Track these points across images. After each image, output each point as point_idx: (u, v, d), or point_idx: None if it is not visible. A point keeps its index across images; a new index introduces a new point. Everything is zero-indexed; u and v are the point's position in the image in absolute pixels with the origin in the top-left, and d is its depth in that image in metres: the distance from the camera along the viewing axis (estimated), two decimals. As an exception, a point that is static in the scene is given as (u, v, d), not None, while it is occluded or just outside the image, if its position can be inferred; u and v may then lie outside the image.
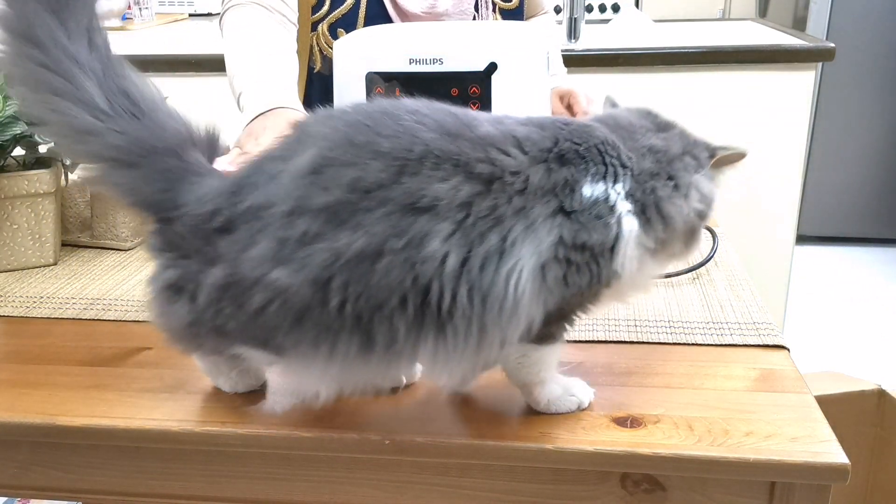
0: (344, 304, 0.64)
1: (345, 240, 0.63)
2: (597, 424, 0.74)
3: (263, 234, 0.66)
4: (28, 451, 0.82)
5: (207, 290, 0.69)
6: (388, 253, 0.63)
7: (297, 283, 0.64)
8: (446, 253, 0.63)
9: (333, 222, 0.64)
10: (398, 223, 0.63)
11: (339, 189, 0.64)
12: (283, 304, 0.65)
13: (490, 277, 0.64)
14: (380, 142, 0.65)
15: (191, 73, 2.11)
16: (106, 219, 1.20)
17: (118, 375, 0.85)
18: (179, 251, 0.72)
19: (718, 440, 0.71)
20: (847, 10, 3.32)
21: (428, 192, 0.64)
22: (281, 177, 0.67)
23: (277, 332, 0.67)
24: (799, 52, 2.08)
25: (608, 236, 0.67)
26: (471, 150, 0.65)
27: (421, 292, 0.64)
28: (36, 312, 1.00)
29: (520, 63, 0.97)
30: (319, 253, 0.64)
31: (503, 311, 0.64)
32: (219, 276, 0.68)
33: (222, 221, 0.68)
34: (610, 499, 0.75)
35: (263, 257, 0.65)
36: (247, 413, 0.78)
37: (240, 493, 0.80)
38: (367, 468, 0.77)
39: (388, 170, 0.64)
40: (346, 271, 0.64)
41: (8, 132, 1.06)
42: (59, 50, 0.71)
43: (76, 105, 0.71)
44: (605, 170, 0.68)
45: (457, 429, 0.74)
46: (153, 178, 0.72)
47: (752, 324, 0.92)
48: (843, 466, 0.68)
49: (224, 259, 0.68)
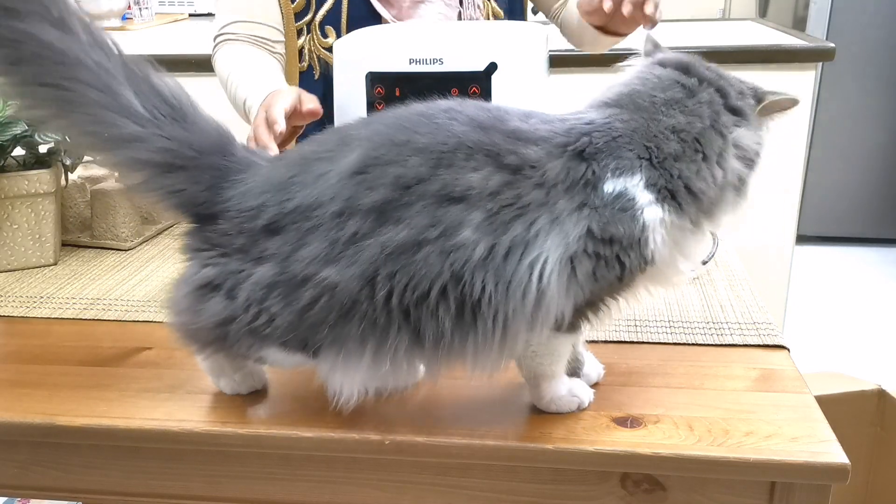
0: (390, 296, 0.66)
1: (389, 233, 0.66)
2: (597, 424, 0.74)
3: (314, 234, 0.68)
4: (28, 451, 0.82)
5: (250, 289, 0.69)
6: (426, 243, 0.65)
7: (345, 279, 0.66)
8: (476, 241, 0.65)
9: (380, 220, 0.66)
10: (434, 213, 0.66)
11: (383, 188, 0.67)
12: (331, 300, 0.67)
13: (513, 267, 0.65)
14: (417, 139, 0.68)
15: (191, 73, 2.11)
16: (106, 219, 1.20)
17: (118, 375, 0.85)
18: (219, 249, 0.72)
19: (718, 440, 0.71)
20: (847, 10, 3.32)
21: (461, 181, 0.66)
22: (328, 177, 0.69)
23: (323, 329, 0.68)
24: (799, 52, 2.07)
25: (635, 228, 0.67)
26: (501, 142, 0.67)
27: (456, 282, 0.65)
28: (36, 312, 1.00)
29: (520, 63, 0.96)
30: (367, 249, 0.66)
31: (526, 300, 0.66)
32: (266, 274, 0.69)
33: (269, 219, 0.70)
34: (610, 499, 0.75)
35: (315, 257, 0.67)
36: (247, 413, 0.78)
37: (240, 493, 0.80)
38: (367, 468, 0.77)
39: (425, 164, 0.67)
40: (390, 263, 0.66)
41: (8, 132, 1.06)
42: (92, 62, 0.71)
43: (117, 115, 0.72)
44: (622, 164, 0.68)
45: (457, 429, 0.74)
46: (200, 178, 0.73)
47: (752, 324, 0.92)
48: (843, 466, 0.68)
49: (272, 258, 0.69)
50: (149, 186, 0.74)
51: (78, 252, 1.20)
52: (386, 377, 0.71)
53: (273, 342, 0.71)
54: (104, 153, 0.75)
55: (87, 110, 0.71)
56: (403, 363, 0.69)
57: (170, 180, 0.73)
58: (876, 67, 3.38)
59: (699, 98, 0.72)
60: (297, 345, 0.70)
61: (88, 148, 0.76)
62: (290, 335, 0.70)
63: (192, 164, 0.73)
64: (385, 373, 0.70)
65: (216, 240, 0.72)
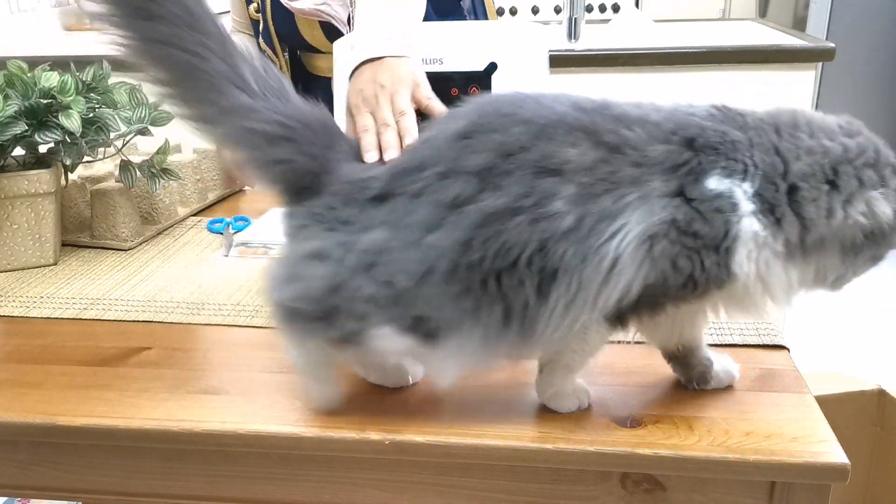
0: (483, 260, 0.67)
1: (488, 199, 0.67)
2: (597, 424, 0.74)
3: (420, 199, 0.69)
4: (28, 451, 0.82)
5: (359, 255, 0.69)
6: (519, 211, 0.66)
7: (449, 245, 0.67)
8: (566, 212, 0.66)
9: (480, 184, 0.67)
10: (531, 183, 0.67)
11: (486, 152, 0.68)
12: (435, 266, 0.67)
13: (595, 235, 0.66)
14: (522, 112, 0.69)
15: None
16: (106, 219, 1.20)
17: (118, 375, 0.85)
18: (325, 224, 0.72)
19: (718, 440, 0.71)
20: (847, 10, 3.32)
21: (559, 155, 0.67)
22: (434, 140, 0.71)
23: (431, 300, 0.68)
24: (799, 52, 2.07)
25: (723, 232, 0.67)
26: (601, 122, 0.69)
27: (541, 251, 0.66)
28: (36, 312, 1.00)
29: (520, 63, 0.97)
30: (468, 214, 0.67)
31: (601, 265, 0.66)
32: (376, 240, 0.69)
33: (378, 189, 0.71)
34: (610, 499, 0.75)
35: (421, 222, 0.68)
36: (247, 413, 0.78)
37: (240, 493, 0.80)
38: (367, 468, 0.77)
39: (527, 134, 0.68)
40: (485, 228, 0.67)
41: (8, 132, 1.06)
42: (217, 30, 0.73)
43: (235, 86, 0.73)
44: (736, 166, 0.68)
45: (457, 429, 0.74)
46: (307, 151, 0.74)
47: (752, 324, 0.92)
48: (843, 466, 0.68)
49: (381, 225, 0.69)
50: (257, 156, 0.74)
51: (78, 252, 1.20)
52: (484, 357, 0.71)
53: (381, 317, 0.69)
54: (216, 124, 0.75)
55: (210, 78, 0.73)
56: (498, 343, 0.69)
57: (279, 151, 0.73)
58: (876, 67, 3.39)
59: (856, 140, 0.70)
60: (404, 322, 0.69)
61: (200, 119, 0.76)
62: (398, 307, 0.68)
63: (301, 137, 0.74)
64: (484, 354, 0.70)
65: (321, 215, 0.72)
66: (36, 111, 1.09)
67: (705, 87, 2.10)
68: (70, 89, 1.09)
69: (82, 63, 1.17)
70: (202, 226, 1.30)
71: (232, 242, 1.20)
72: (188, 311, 1.00)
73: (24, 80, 1.07)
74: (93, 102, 1.14)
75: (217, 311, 0.99)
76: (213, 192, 1.44)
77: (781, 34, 2.33)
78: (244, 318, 0.97)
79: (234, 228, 1.27)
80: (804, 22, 3.40)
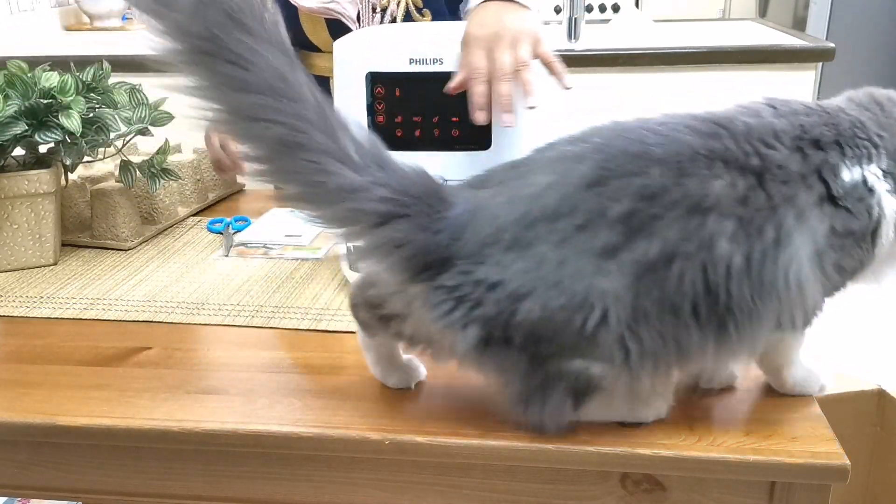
0: (646, 309, 0.64)
1: (643, 247, 0.64)
2: (597, 424, 0.74)
3: (566, 250, 0.65)
4: (28, 451, 0.82)
5: (521, 330, 0.65)
6: (680, 257, 0.64)
7: (622, 289, 0.64)
8: (732, 252, 0.64)
9: (627, 232, 0.64)
10: (686, 226, 0.64)
11: (628, 198, 0.64)
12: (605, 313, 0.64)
13: (771, 270, 0.65)
14: (652, 150, 0.66)
15: (191, 73, 2.11)
16: (106, 219, 1.20)
17: (118, 375, 0.85)
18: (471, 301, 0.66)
19: (718, 440, 0.71)
20: (847, 10, 3.32)
21: (706, 190, 0.65)
22: (559, 187, 0.66)
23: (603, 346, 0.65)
24: (799, 52, 2.07)
25: (870, 219, 0.67)
26: (735, 146, 0.66)
27: (709, 294, 0.64)
28: (36, 312, 1.00)
29: (520, 63, 0.96)
30: (624, 265, 0.64)
31: (782, 300, 0.66)
32: (533, 308, 0.64)
33: (509, 241, 0.66)
34: (610, 499, 0.75)
35: (578, 274, 0.64)
36: (247, 413, 0.78)
37: (240, 493, 0.80)
38: (367, 468, 0.77)
39: (667, 174, 0.65)
40: (647, 278, 0.64)
41: (8, 132, 1.06)
42: (313, 98, 0.65)
43: (339, 162, 0.65)
44: (858, 152, 0.68)
45: (457, 429, 0.74)
46: (424, 224, 0.67)
47: (752, 324, 0.92)
48: (843, 466, 0.68)
49: (529, 280, 0.65)
50: (372, 241, 0.67)
51: (78, 252, 1.20)
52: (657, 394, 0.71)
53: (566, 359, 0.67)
54: (322, 206, 0.67)
55: (312, 156, 0.64)
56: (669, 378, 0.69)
57: (395, 231, 0.66)
58: (876, 67, 3.38)
59: None
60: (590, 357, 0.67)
61: (302, 200, 0.67)
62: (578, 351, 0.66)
63: (415, 211, 0.67)
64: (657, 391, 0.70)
65: (460, 288, 0.66)
66: (36, 111, 1.09)
67: (705, 87, 2.10)
68: (70, 89, 1.09)
69: (82, 63, 1.17)
70: (202, 226, 1.30)
71: (232, 242, 1.20)
72: (188, 311, 1.00)
73: (24, 80, 1.07)
74: (93, 102, 1.14)
75: (217, 311, 0.99)
76: (213, 192, 1.44)
77: (781, 34, 2.33)
78: (244, 318, 0.97)
79: (234, 228, 1.27)
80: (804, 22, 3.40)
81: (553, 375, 0.67)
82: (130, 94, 1.17)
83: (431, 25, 1.21)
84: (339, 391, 0.81)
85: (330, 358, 0.88)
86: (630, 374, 0.66)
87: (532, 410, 0.69)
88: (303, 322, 0.96)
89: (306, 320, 0.97)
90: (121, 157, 1.21)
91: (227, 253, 1.18)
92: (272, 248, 1.19)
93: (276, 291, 1.05)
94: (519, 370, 0.68)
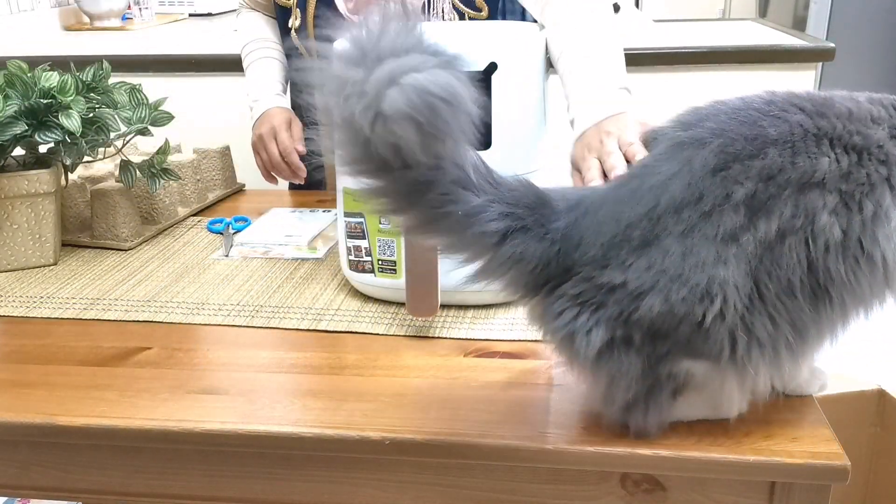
0: (766, 288, 0.65)
1: (763, 227, 0.65)
2: (597, 424, 0.74)
3: (691, 239, 0.65)
4: (28, 451, 0.82)
5: (641, 327, 0.66)
6: (790, 232, 0.65)
7: (741, 277, 0.65)
8: (832, 224, 0.65)
9: (749, 213, 0.65)
10: (797, 202, 0.65)
11: (750, 180, 0.65)
12: (732, 301, 0.65)
13: (868, 244, 0.66)
14: (767, 132, 0.67)
15: (191, 73, 2.11)
16: (106, 219, 1.20)
17: (118, 375, 0.85)
18: (590, 303, 0.67)
19: (718, 440, 0.71)
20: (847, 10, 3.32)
21: (817, 167, 0.66)
22: (683, 175, 0.66)
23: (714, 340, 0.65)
24: (799, 52, 2.07)
25: None
26: (841, 125, 0.68)
27: (811, 269, 0.65)
28: (36, 312, 1.00)
29: (520, 63, 0.96)
30: (745, 246, 0.65)
31: (876, 276, 0.66)
32: (654, 303, 0.65)
33: (640, 238, 0.66)
34: (610, 499, 0.75)
35: (702, 263, 0.65)
36: (247, 413, 0.78)
37: (240, 493, 0.80)
38: (367, 468, 0.77)
39: (783, 154, 0.66)
40: (765, 257, 0.65)
41: (8, 132, 1.06)
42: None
43: (463, 189, 0.65)
44: None
45: (457, 429, 0.74)
46: (542, 235, 0.67)
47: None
48: (843, 466, 0.68)
49: (654, 276, 0.65)
50: (493, 260, 0.68)
51: (78, 252, 1.20)
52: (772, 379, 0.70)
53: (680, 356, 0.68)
54: (451, 234, 0.67)
55: (445, 188, 0.65)
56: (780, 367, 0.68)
57: (514, 247, 0.67)
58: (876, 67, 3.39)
59: None
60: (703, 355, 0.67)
61: (431, 230, 0.67)
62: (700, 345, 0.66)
63: (530, 223, 0.67)
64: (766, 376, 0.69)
65: (583, 294, 0.67)
66: (36, 111, 1.09)
67: (705, 87, 2.10)
68: (70, 89, 1.09)
69: (82, 63, 1.17)
70: (202, 226, 1.30)
71: (232, 242, 1.20)
72: (188, 311, 1.00)
73: (24, 80, 1.07)
74: (93, 102, 1.14)
75: (217, 311, 0.99)
76: (213, 192, 1.45)
77: (781, 34, 2.33)
78: (244, 318, 0.97)
79: (234, 228, 1.27)
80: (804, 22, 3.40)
81: (663, 378, 0.68)
82: (130, 94, 1.17)
83: (431, 25, 1.21)
84: (339, 391, 0.81)
85: (330, 358, 0.88)
86: (735, 369, 0.67)
87: (636, 415, 0.70)
88: (303, 322, 0.96)
89: (306, 320, 0.97)
90: (121, 157, 1.21)
91: (227, 253, 1.18)
92: (272, 248, 1.19)
93: (276, 291, 1.05)
94: (632, 374, 0.68)
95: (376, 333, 0.93)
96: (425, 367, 0.85)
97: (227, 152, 1.48)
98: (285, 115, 1.40)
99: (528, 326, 0.91)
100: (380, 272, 0.98)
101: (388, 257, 0.97)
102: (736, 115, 0.69)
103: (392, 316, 0.97)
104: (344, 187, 0.97)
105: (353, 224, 0.98)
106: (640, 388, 0.69)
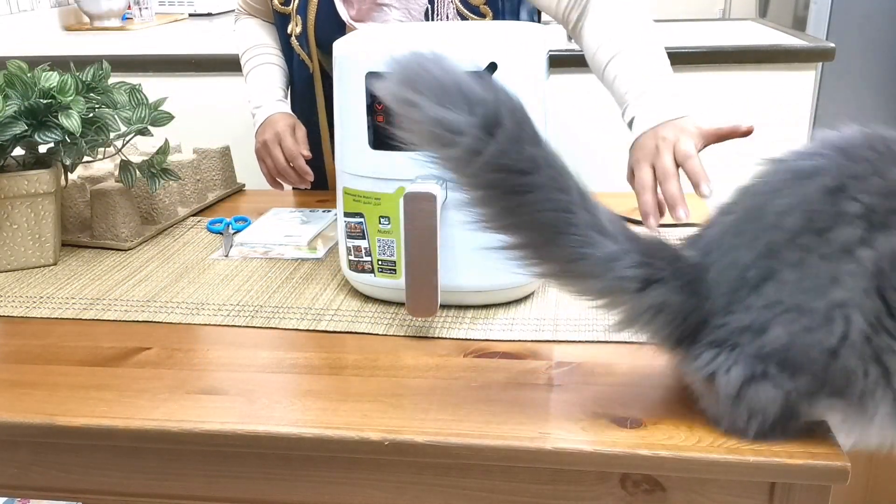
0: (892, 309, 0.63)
1: (883, 241, 0.63)
2: (597, 424, 0.74)
3: (803, 265, 0.64)
4: (28, 451, 0.82)
5: (773, 361, 0.66)
6: None
7: (855, 298, 0.63)
8: None
9: (869, 227, 0.64)
10: None
11: (867, 195, 0.64)
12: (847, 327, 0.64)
13: None
14: (885, 153, 0.65)
15: (191, 73, 2.11)
16: (106, 219, 1.20)
17: (118, 375, 0.85)
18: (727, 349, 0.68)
19: (718, 440, 0.71)
20: (847, 10, 3.32)
21: None
22: (798, 205, 0.66)
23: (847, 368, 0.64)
24: (799, 52, 2.07)
25: None
26: None
27: None
28: (36, 312, 1.00)
29: (520, 63, 0.96)
30: (863, 262, 0.63)
31: None
32: (780, 334, 0.65)
33: (756, 277, 0.66)
34: (610, 499, 0.75)
35: (816, 288, 0.64)
36: (246, 413, 0.78)
37: (240, 493, 0.80)
38: (367, 468, 0.77)
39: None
40: (889, 272, 0.63)
41: (8, 132, 1.06)
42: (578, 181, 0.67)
43: (599, 233, 0.67)
44: None
45: (457, 429, 0.74)
46: (676, 286, 0.68)
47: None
48: (843, 467, 0.68)
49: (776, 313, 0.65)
50: (635, 307, 0.69)
51: (78, 252, 1.20)
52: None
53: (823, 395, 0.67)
54: (590, 278, 0.68)
55: (581, 231, 0.66)
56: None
57: (655, 297, 0.68)
58: (876, 67, 3.39)
59: None
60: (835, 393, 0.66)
61: (569, 275, 0.69)
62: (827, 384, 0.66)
63: (667, 275, 0.68)
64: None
65: (717, 339, 0.68)
66: (36, 111, 1.09)
67: (705, 87, 2.10)
68: (70, 89, 1.09)
69: (82, 63, 1.17)
70: (202, 226, 1.30)
71: (232, 242, 1.20)
72: (188, 311, 1.00)
73: (24, 80, 1.07)
74: (93, 102, 1.14)
75: (217, 311, 0.99)
76: (213, 192, 1.45)
77: (781, 34, 2.33)
78: (244, 318, 0.97)
79: (234, 228, 1.27)
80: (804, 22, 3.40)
81: (801, 415, 0.69)
82: (130, 94, 1.17)
83: (433, 26, 1.21)
84: (339, 391, 0.81)
85: (330, 358, 0.88)
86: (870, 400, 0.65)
87: (765, 436, 0.71)
88: (303, 322, 0.96)
89: (306, 320, 0.97)
90: (121, 157, 1.21)
91: (227, 253, 1.18)
92: (272, 249, 1.19)
93: (276, 291, 1.05)
94: (772, 410, 0.68)
95: (376, 333, 0.93)
96: (425, 368, 0.85)
97: (227, 152, 1.48)
98: (289, 120, 1.39)
99: (527, 326, 0.91)
100: (380, 272, 0.98)
101: (388, 257, 0.97)
102: (854, 140, 0.68)
103: (392, 316, 0.97)
104: (344, 187, 0.98)
105: (352, 224, 0.98)
106: (776, 423, 0.69)
